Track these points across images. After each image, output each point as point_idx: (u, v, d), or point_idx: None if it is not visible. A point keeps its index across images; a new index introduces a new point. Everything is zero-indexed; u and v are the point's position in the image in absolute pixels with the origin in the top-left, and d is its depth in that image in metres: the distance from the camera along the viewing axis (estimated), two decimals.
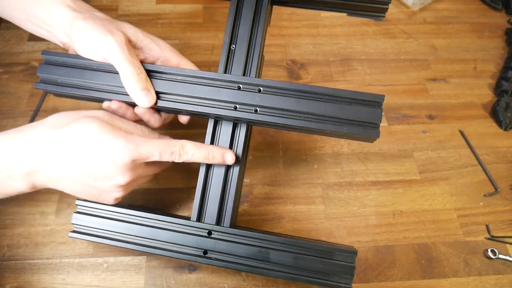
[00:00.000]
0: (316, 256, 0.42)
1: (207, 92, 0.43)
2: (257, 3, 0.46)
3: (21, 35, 0.68)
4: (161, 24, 0.72)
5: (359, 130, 0.41)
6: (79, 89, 0.44)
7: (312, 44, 0.73)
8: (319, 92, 0.42)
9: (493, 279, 0.53)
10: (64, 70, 0.44)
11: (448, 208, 0.58)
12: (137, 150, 0.39)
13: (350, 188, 0.58)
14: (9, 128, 0.39)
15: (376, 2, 0.46)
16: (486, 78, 0.72)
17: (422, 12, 0.81)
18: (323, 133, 0.44)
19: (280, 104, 0.42)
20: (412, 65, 0.73)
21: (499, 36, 0.79)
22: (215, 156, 0.43)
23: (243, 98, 0.43)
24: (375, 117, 0.41)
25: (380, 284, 0.51)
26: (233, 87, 0.43)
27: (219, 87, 0.43)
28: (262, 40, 0.46)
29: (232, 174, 0.45)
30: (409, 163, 0.61)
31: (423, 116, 0.67)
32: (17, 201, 0.53)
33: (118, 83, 0.43)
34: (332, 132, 0.43)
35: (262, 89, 0.43)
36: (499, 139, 0.65)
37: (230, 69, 0.45)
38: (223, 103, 0.43)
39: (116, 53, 0.41)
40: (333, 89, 0.42)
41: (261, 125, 0.45)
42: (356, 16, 0.49)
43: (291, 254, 0.42)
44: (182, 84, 0.44)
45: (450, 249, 0.54)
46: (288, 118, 0.42)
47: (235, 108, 0.43)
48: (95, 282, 0.49)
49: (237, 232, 0.43)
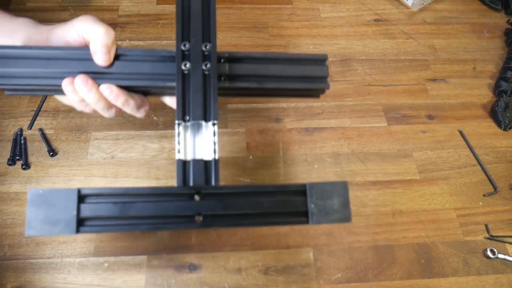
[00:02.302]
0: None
1: (169, 69, 0.44)
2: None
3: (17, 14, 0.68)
4: (162, 25, 0.72)
5: (312, 84, 0.47)
6: (36, 78, 0.42)
7: (312, 45, 0.73)
8: (274, 57, 0.47)
9: (492, 279, 0.53)
10: (21, 63, 0.42)
11: (447, 208, 0.58)
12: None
13: (350, 188, 0.58)
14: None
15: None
16: (485, 78, 0.73)
17: (422, 13, 0.81)
18: (283, 91, 0.48)
19: (244, 71, 0.45)
20: (411, 65, 0.73)
21: (499, 36, 0.79)
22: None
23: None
24: (323, 72, 0.48)
25: (380, 283, 0.51)
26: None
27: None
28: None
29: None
30: (408, 163, 0.62)
31: (422, 116, 0.67)
32: (18, 200, 0.53)
33: (79, 67, 0.42)
34: (291, 89, 0.47)
35: (224, 60, 0.45)
36: (498, 139, 0.65)
37: (188, 36, 0.45)
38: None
39: (93, 20, 0.41)
40: (288, 54, 0.48)
41: (231, 92, 0.47)
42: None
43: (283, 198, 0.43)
44: (141, 63, 0.44)
45: (450, 249, 0.55)
46: (250, 82, 0.45)
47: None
48: (96, 281, 0.49)
49: (226, 189, 0.41)
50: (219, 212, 0.41)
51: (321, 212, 0.43)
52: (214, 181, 0.42)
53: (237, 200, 0.42)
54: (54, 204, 0.36)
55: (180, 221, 0.40)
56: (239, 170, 0.58)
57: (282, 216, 0.43)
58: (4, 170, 0.56)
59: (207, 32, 0.45)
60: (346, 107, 0.66)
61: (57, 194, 0.35)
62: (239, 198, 0.42)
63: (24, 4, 0.72)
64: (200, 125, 0.43)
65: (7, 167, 0.56)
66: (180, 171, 0.41)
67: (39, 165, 0.56)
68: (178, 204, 0.40)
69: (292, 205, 0.43)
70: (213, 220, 0.41)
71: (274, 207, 0.43)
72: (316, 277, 0.51)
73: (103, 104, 0.42)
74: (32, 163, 0.57)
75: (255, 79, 0.46)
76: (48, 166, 0.57)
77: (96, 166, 0.57)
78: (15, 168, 0.56)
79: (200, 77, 0.43)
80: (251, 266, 0.51)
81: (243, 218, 0.42)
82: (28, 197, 0.34)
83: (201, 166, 0.42)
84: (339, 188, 0.44)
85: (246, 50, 0.71)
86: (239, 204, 0.42)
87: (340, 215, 0.44)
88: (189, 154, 0.42)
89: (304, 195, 0.44)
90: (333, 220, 0.43)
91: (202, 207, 0.41)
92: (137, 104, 0.45)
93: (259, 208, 0.42)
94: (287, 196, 0.44)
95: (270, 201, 0.43)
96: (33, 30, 0.44)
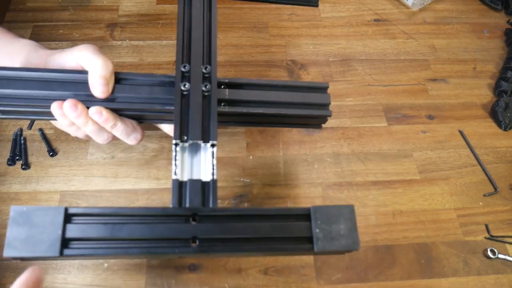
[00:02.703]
0: None
1: (168, 93, 0.43)
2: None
3: (21, 35, 0.68)
4: (162, 25, 0.72)
5: (314, 111, 0.47)
6: (28, 99, 0.40)
7: (312, 45, 0.73)
8: (275, 84, 0.46)
9: (493, 279, 0.53)
10: (12, 84, 0.40)
11: (447, 208, 0.58)
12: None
13: (350, 188, 0.58)
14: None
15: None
16: (485, 78, 0.73)
17: (422, 13, 0.81)
18: (285, 118, 0.48)
19: (244, 97, 0.45)
20: (412, 65, 0.73)
21: (499, 36, 0.79)
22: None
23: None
24: (325, 99, 0.47)
25: (380, 283, 0.51)
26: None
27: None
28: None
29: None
30: (409, 163, 0.62)
31: (423, 116, 0.67)
32: (18, 201, 0.53)
33: (75, 90, 0.41)
34: (292, 116, 0.47)
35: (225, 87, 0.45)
36: (499, 139, 0.65)
37: (188, 59, 0.44)
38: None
39: (92, 50, 0.41)
40: (288, 81, 0.49)
41: (231, 118, 0.47)
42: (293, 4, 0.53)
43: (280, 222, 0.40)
44: (140, 87, 0.43)
45: (450, 249, 0.55)
46: (250, 108, 0.45)
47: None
48: (96, 282, 0.49)
49: (224, 212, 0.39)
50: (217, 236, 0.38)
51: (326, 237, 0.41)
52: (212, 203, 0.39)
53: (236, 224, 0.39)
54: (38, 222, 0.32)
55: (174, 245, 0.37)
56: (239, 170, 0.58)
57: (284, 242, 0.41)
58: (4, 170, 0.56)
59: (207, 55, 0.44)
60: (346, 107, 0.66)
61: (42, 212, 0.33)
62: (239, 222, 0.39)
63: (24, 4, 0.72)
64: (198, 145, 0.41)
65: (7, 167, 0.56)
66: (176, 192, 0.39)
67: (39, 165, 0.56)
68: (173, 226, 0.37)
69: (295, 230, 0.41)
70: (210, 245, 0.38)
71: (276, 232, 0.40)
72: (316, 277, 0.51)
73: (93, 128, 0.41)
74: (32, 163, 0.57)
75: (255, 104, 0.45)
76: (48, 166, 0.57)
77: (96, 166, 0.57)
78: (15, 168, 0.56)
79: (200, 98, 0.42)
80: (251, 266, 0.51)
81: (242, 244, 0.39)
82: (10, 214, 0.32)
83: (198, 187, 0.40)
84: (345, 211, 0.42)
85: (246, 50, 0.71)
86: (238, 228, 0.39)
87: (348, 240, 0.41)
88: (186, 174, 0.40)
89: (308, 220, 0.41)
90: (340, 246, 0.41)
91: (199, 231, 0.38)
92: (128, 130, 0.43)
93: (260, 233, 0.40)
94: (290, 220, 0.41)
95: (271, 226, 0.40)
96: (33, 53, 0.44)
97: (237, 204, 0.56)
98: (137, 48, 0.69)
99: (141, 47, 0.69)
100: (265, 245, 0.40)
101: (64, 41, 0.68)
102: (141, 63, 0.67)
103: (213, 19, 0.46)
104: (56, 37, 0.69)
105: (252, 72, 0.69)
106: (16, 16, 0.70)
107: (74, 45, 0.67)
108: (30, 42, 0.45)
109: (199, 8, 0.46)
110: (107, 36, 0.70)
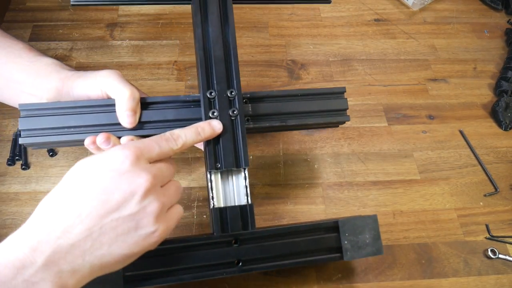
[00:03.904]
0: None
1: (193, 113, 0.43)
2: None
3: (21, 35, 0.68)
4: (162, 24, 0.72)
5: (333, 118, 0.49)
6: (64, 135, 0.41)
7: (312, 44, 0.73)
8: (294, 94, 0.48)
9: (493, 279, 0.53)
10: (46, 120, 0.41)
11: (448, 208, 0.58)
12: (134, 146, 0.35)
13: (351, 188, 0.58)
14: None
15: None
16: (486, 78, 0.72)
17: (422, 12, 0.81)
18: (305, 126, 0.50)
19: (267, 110, 0.46)
20: (412, 65, 0.73)
21: (499, 36, 0.79)
22: (203, 127, 0.41)
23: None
24: (343, 105, 0.49)
25: (380, 284, 0.51)
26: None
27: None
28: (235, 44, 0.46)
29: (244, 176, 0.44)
30: (409, 163, 0.61)
31: (423, 116, 0.67)
32: (18, 201, 0.53)
33: (104, 120, 0.42)
34: (313, 124, 0.49)
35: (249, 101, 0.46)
36: (499, 139, 0.65)
37: (212, 84, 0.44)
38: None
39: (117, 78, 0.42)
40: (306, 89, 0.49)
41: (256, 131, 0.47)
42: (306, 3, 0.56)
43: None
44: (166, 111, 0.43)
45: (450, 249, 0.55)
46: (274, 121, 0.46)
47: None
48: None
49: (263, 233, 0.42)
50: (258, 256, 0.42)
51: (354, 247, 0.45)
52: (251, 226, 0.42)
53: (274, 243, 0.42)
54: None
55: (221, 268, 0.41)
56: None
57: (317, 254, 0.44)
58: (4, 170, 0.56)
59: (231, 78, 0.44)
60: None
61: None
62: (276, 240, 0.42)
63: (24, 4, 0.72)
64: (231, 171, 0.43)
65: (6, 167, 0.56)
66: (218, 219, 0.41)
67: (39, 165, 0.56)
68: (218, 251, 0.41)
69: (326, 242, 0.45)
70: (252, 264, 0.41)
71: (309, 245, 0.44)
72: (316, 277, 0.51)
73: None
74: (31, 163, 0.56)
75: (278, 117, 0.47)
76: (48, 166, 0.56)
77: None
78: (15, 168, 0.56)
79: (229, 124, 0.43)
80: None
81: (280, 259, 0.42)
82: None
83: (237, 213, 0.42)
84: (369, 222, 0.46)
85: (246, 50, 0.71)
86: (276, 246, 0.42)
87: (373, 248, 0.45)
88: (222, 200, 0.42)
89: (336, 231, 0.45)
90: (367, 254, 0.45)
91: (241, 253, 0.41)
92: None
93: (295, 248, 0.43)
94: (321, 234, 0.45)
95: (305, 241, 0.43)
96: (55, 75, 0.44)
97: None
98: (137, 48, 0.69)
99: (141, 47, 0.69)
100: (300, 258, 0.43)
101: (64, 41, 0.68)
102: (141, 63, 0.67)
103: (231, 37, 0.45)
104: (56, 37, 0.69)
105: (252, 72, 0.68)
106: (15, 16, 0.70)
107: (74, 45, 0.68)
108: (51, 61, 0.46)
109: (217, 26, 0.45)
110: (107, 36, 0.70)
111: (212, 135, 0.42)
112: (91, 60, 0.67)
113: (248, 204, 0.42)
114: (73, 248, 0.30)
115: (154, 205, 0.33)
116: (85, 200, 0.31)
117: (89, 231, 0.31)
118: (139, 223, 0.32)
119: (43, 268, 0.29)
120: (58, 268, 0.29)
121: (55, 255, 0.29)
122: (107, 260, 0.31)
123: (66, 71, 0.45)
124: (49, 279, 0.29)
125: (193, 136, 0.40)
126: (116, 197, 0.32)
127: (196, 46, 0.44)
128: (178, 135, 0.39)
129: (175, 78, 0.66)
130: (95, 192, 0.32)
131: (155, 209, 0.33)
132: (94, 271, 0.31)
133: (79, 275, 0.30)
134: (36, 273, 0.28)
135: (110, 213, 0.31)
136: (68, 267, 0.30)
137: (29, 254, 0.29)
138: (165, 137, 0.38)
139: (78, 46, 0.68)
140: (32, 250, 0.29)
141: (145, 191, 0.33)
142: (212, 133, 0.41)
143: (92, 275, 0.32)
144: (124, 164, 0.33)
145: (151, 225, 0.33)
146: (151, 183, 0.33)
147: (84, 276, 0.31)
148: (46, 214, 0.31)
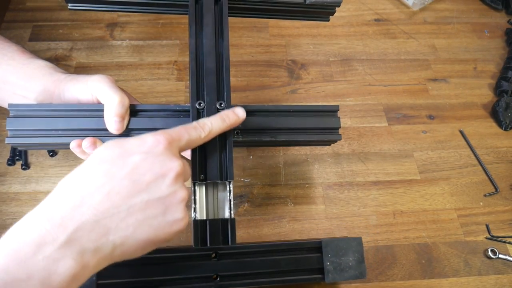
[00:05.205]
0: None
1: (182, 123, 0.43)
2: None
3: (21, 35, 0.68)
4: (162, 24, 0.72)
5: (324, 136, 0.48)
6: (52, 137, 0.41)
7: (312, 44, 0.73)
8: (287, 110, 0.47)
9: (493, 279, 0.53)
10: (34, 121, 0.41)
11: (448, 208, 0.58)
12: (166, 132, 0.35)
13: (351, 188, 0.58)
14: None
15: (324, 7, 0.50)
16: (486, 78, 0.72)
17: (423, 12, 0.81)
18: (295, 143, 0.49)
19: (257, 125, 0.45)
20: (412, 65, 0.73)
21: (499, 36, 0.79)
22: (228, 115, 0.40)
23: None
24: (335, 123, 0.48)
25: (381, 284, 0.51)
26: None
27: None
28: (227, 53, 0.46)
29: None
30: (409, 163, 0.61)
31: (423, 116, 0.67)
32: (18, 201, 0.53)
33: (92, 124, 0.42)
34: (303, 141, 0.48)
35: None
36: (499, 139, 0.65)
37: (202, 95, 0.44)
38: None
39: (108, 84, 0.42)
40: (299, 105, 0.48)
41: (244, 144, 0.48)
42: (303, 20, 0.53)
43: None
44: (155, 119, 0.43)
45: (451, 249, 0.55)
46: (263, 135, 0.45)
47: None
48: None
49: (243, 249, 0.42)
50: (237, 271, 0.41)
51: (336, 269, 0.44)
52: (231, 241, 0.41)
53: (254, 259, 0.42)
54: None
55: (198, 281, 0.40)
56: (239, 170, 0.58)
57: (298, 273, 0.44)
58: (4, 170, 0.56)
59: (221, 90, 0.44)
60: (346, 107, 0.66)
61: None
62: (256, 257, 0.42)
63: (24, 3, 0.72)
64: (215, 183, 0.42)
65: (6, 167, 0.56)
66: (197, 231, 0.40)
67: (39, 165, 0.56)
68: (195, 264, 0.40)
69: (308, 262, 0.44)
70: (231, 280, 0.41)
71: (290, 264, 0.43)
72: None
73: None
74: (32, 163, 0.56)
75: (268, 132, 0.46)
76: (48, 166, 0.56)
77: None
78: (15, 168, 0.56)
79: (216, 136, 0.42)
80: None
81: (260, 277, 0.42)
82: None
83: (218, 226, 0.41)
84: (354, 244, 0.45)
85: (246, 50, 0.71)
86: (256, 263, 0.42)
87: (356, 272, 0.45)
88: (205, 213, 0.42)
89: (319, 252, 0.44)
90: (349, 277, 0.45)
91: (220, 268, 0.41)
92: None
93: (276, 267, 0.43)
94: (303, 253, 0.44)
95: (286, 259, 0.43)
96: (48, 77, 0.44)
97: (238, 204, 0.55)
98: (137, 48, 0.69)
99: (141, 47, 0.69)
100: (280, 277, 0.43)
101: (64, 41, 0.68)
102: (141, 63, 0.67)
103: (225, 49, 0.45)
104: (56, 37, 0.68)
105: (252, 72, 0.68)
106: (15, 16, 0.70)
107: (74, 45, 0.68)
108: (45, 64, 0.46)
109: (211, 39, 0.45)
110: (107, 36, 0.70)
111: (237, 122, 0.41)
112: (91, 60, 0.67)
113: (230, 218, 0.41)
114: (98, 226, 0.29)
115: (183, 192, 0.34)
116: (115, 178, 0.31)
117: (117, 209, 0.30)
118: (168, 208, 0.32)
119: (65, 245, 0.28)
120: (81, 246, 0.29)
121: (78, 232, 0.29)
122: (130, 243, 0.31)
123: (58, 74, 0.45)
124: (71, 256, 0.28)
125: (219, 123, 0.40)
126: (147, 178, 0.32)
127: (189, 57, 0.44)
128: (205, 123, 0.39)
129: (175, 78, 0.66)
130: (126, 171, 0.31)
131: (184, 196, 0.33)
132: (115, 255, 0.31)
133: (100, 256, 0.30)
134: (57, 250, 0.28)
135: (140, 193, 0.31)
136: (91, 246, 0.29)
137: (51, 230, 0.28)
138: (193, 126, 0.38)
139: (78, 46, 0.68)
140: (54, 226, 0.28)
141: (176, 175, 0.33)
142: (237, 119, 0.41)
143: (112, 258, 0.31)
144: (157, 148, 0.33)
145: (180, 211, 0.33)
146: (182, 169, 0.34)
147: (105, 257, 0.30)
148: (71, 191, 0.31)
